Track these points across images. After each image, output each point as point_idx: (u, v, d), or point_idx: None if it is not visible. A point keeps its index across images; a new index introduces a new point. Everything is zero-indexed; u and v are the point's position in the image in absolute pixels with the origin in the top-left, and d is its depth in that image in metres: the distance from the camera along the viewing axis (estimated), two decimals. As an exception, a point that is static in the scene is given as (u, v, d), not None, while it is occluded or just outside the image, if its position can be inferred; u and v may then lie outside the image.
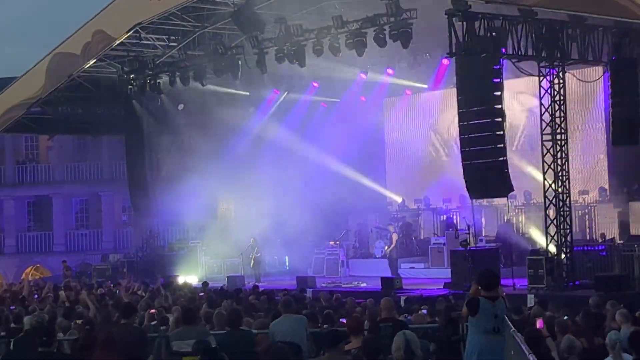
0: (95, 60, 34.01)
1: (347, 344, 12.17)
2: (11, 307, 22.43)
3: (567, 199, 25.94)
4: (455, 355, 12.99)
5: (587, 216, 32.07)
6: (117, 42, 32.77)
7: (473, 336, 12.06)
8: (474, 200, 28.14)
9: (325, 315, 16.52)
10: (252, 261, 34.81)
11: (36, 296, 26.62)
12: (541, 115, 26.17)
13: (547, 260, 25.03)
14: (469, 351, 12.07)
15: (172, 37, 33.84)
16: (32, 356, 11.96)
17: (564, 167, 25.89)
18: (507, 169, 24.34)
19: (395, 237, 32.11)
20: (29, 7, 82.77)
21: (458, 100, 24.39)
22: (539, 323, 14.41)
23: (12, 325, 16.46)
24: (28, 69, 36.65)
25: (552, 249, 25.58)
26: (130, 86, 36.03)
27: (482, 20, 23.74)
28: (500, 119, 24.00)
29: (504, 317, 12.19)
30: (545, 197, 26.07)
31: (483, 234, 31.53)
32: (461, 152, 24.43)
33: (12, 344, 14.28)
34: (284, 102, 38.18)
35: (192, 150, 36.27)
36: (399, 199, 37.85)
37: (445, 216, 35.08)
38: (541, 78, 26.21)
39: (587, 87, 31.41)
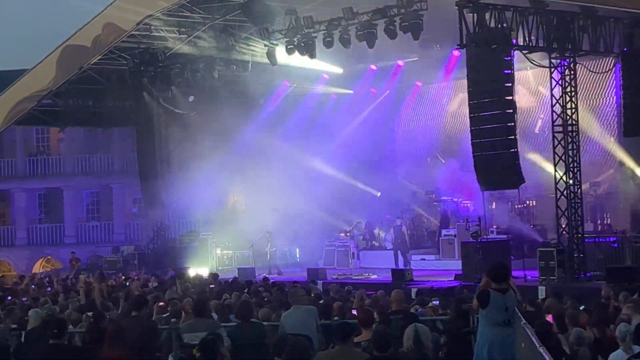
0: (105, 53, 34.07)
1: (357, 336, 12.17)
2: (23, 299, 22.52)
3: (578, 191, 25.86)
4: (466, 348, 12.98)
5: (598, 208, 31.96)
6: (128, 34, 32.79)
7: (483, 328, 12.05)
8: (484, 191, 28.09)
9: (336, 308, 16.51)
10: (268, 255, 34.83)
11: (49, 289, 26.72)
12: (552, 106, 26.09)
13: (558, 252, 24.99)
14: (479, 344, 12.07)
15: (183, 29, 33.81)
16: (43, 348, 11.97)
17: (575, 158, 25.80)
18: (518, 160, 24.30)
19: (391, 230, 32.55)
20: None
21: (469, 91, 24.36)
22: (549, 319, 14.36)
23: (26, 317, 16.48)
24: (39, 62, 36.70)
25: (564, 240, 25.52)
26: (140, 78, 36.07)
27: (493, 11, 23.67)
28: (511, 110, 23.96)
29: (515, 310, 12.17)
30: (556, 188, 25.99)
31: (494, 226, 31.47)
32: (472, 143, 24.39)
33: (23, 336, 14.32)
34: (294, 94, 38.11)
35: (202, 142, 36.23)
36: (410, 191, 37.77)
37: (455, 208, 34.98)
38: (552, 69, 26.12)
39: (598, 79, 31.30)
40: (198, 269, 33.42)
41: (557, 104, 25.99)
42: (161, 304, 17.67)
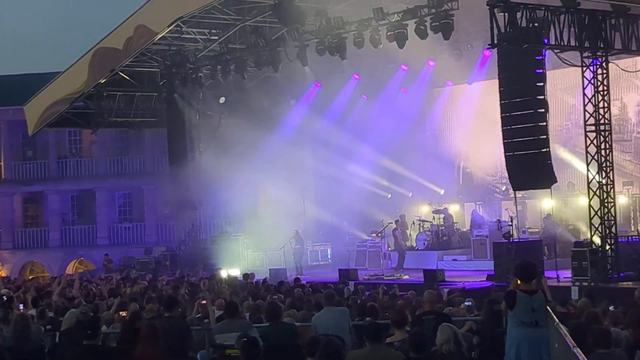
0: (137, 55, 34.26)
1: (389, 337, 12.15)
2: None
3: (611, 190, 25.66)
4: (500, 348, 12.92)
5: (631, 207, 31.71)
6: (159, 36, 32.94)
7: (511, 329, 12.01)
8: (516, 191, 27.98)
9: (369, 308, 16.48)
10: (293, 254, 34.85)
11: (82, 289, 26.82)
12: (584, 106, 25.90)
13: (591, 252, 24.78)
14: (507, 345, 12.01)
15: (213, 31, 33.98)
16: (77, 349, 12.02)
17: (607, 158, 25.59)
18: (550, 160, 24.17)
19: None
20: (71, 2, 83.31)
21: (500, 91, 24.25)
22: None
23: (59, 318, 16.57)
24: (71, 64, 36.96)
25: (597, 240, 25.34)
26: (172, 80, 36.24)
27: (524, 10, 23.58)
28: (542, 110, 23.85)
29: (545, 311, 12.07)
30: (588, 188, 25.81)
31: (526, 226, 31.31)
32: (504, 143, 24.30)
33: (57, 336, 14.39)
34: (324, 94, 38.09)
35: (233, 144, 36.35)
36: (441, 191, 37.68)
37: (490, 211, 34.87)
38: (584, 69, 25.94)
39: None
40: (230, 270, 33.52)
41: (589, 103, 25.80)
42: (203, 302, 17.64)
